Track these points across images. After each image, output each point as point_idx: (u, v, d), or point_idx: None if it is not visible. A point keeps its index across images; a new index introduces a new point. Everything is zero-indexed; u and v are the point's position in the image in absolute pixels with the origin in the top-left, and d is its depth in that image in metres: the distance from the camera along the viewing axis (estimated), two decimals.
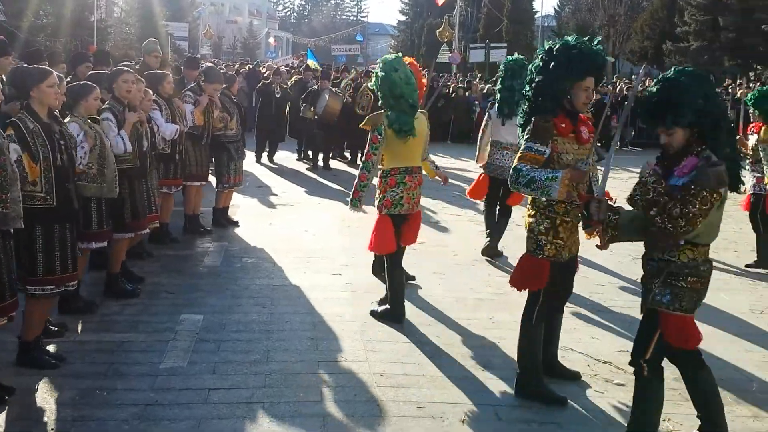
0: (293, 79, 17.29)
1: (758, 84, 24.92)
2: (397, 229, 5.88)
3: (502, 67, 8.19)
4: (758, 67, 37.18)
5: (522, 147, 4.45)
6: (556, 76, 4.39)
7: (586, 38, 4.52)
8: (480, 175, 8.26)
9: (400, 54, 6.15)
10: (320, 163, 15.04)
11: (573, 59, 4.38)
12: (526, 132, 4.49)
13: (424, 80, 6.83)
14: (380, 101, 5.97)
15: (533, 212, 4.56)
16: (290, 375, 4.88)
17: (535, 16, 51.79)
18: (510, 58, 8.07)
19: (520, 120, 4.70)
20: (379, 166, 5.97)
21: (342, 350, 5.35)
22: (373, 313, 6.04)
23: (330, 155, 15.31)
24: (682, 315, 3.89)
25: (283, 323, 5.86)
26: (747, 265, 8.19)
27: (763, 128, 7.89)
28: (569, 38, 4.52)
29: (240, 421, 4.23)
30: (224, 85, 8.95)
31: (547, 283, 4.52)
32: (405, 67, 5.81)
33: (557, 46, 4.47)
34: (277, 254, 7.94)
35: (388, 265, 5.97)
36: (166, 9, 37.73)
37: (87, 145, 5.43)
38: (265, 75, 18.75)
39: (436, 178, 6.82)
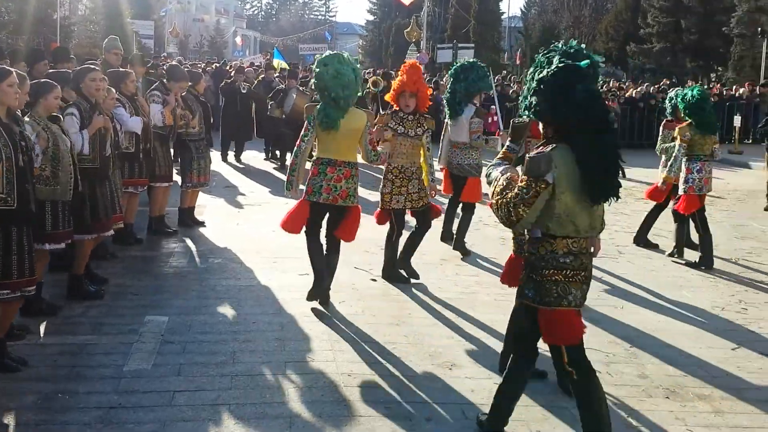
0: (260, 77, 17.21)
1: (718, 86, 25.36)
2: (328, 219, 6.27)
3: (450, 71, 8.53)
4: (719, 68, 37.83)
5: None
6: None
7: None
8: (443, 169, 8.49)
9: (344, 52, 6.45)
10: (288, 162, 14.96)
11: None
12: None
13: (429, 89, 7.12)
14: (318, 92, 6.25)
15: None
16: (257, 376, 4.85)
17: (502, 17, 52.17)
18: (460, 63, 8.45)
19: None
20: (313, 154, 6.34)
21: (309, 351, 5.34)
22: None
23: None
24: (547, 309, 3.82)
25: (249, 324, 5.83)
26: (689, 264, 8.29)
27: (678, 128, 8.17)
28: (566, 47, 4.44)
29: (205, 424, 4.20)
30: (189, 84, 8.88)
31: None
32: (339, 64, 5.96)
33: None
34: (245, 254, 7.90)
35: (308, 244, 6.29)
36: (131, 7, 37.33)
37: (39, 147, 5.30)
38: (231, 74, 18.64)
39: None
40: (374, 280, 7.12)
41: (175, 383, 4.69)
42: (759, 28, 32.02)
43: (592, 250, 3.98)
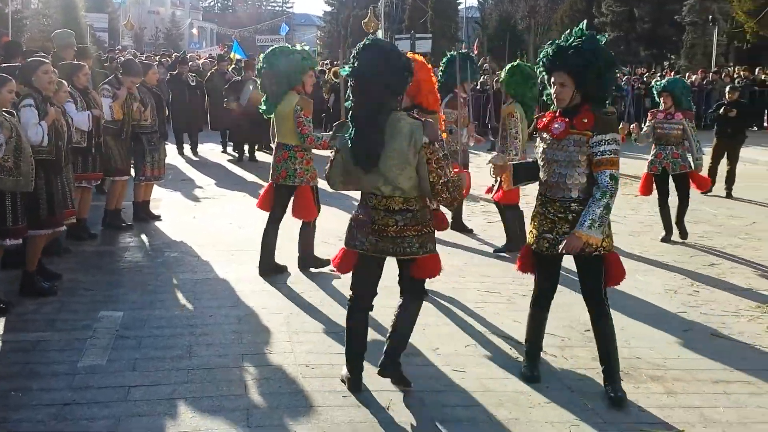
0: (213, 69, 17.05)
1: (672, 73, 25.81)
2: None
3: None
4: (671, 56, 38.46)
5: None
6: None
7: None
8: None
9: (287, 45, 6.96)
10: (246, 155, 14.86)
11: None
12: None
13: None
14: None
15: None
16: (213, 369, 4.81)
17: (459, 7, 52.34)
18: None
19: None
20: None
21: (267, 343, 5.31)
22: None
23: (256, 147, 15.14)
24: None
25: (206, 317, 5.78)
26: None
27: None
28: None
29: (161, 418, 4.15)
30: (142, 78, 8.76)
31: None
32: (272, 56, 6.66)
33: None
34: (201, 248, 7.82)
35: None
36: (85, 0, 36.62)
37: (2, 137, 5.25)
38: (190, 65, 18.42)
39: None
40: (333, 271, 7.07)
41: (130, 378, 4.63)
42: (710, 16, 32.67)
43: None
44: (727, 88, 12.80)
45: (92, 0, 39.49)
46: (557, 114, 4.47)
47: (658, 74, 25.21)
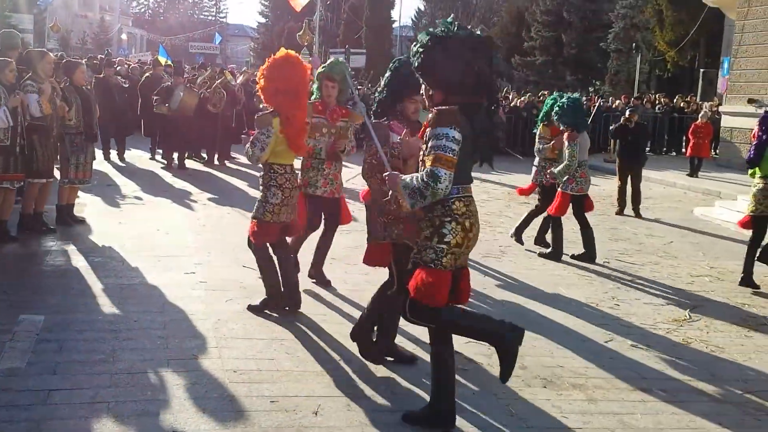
0: (147, 74, 16.77)
1: (596, 98, 26.60)
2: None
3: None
4: (596, 82, 39.69)
5: None
6: None
7: None
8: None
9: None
10: (175, 162, 14.63)
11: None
12: None
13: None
14: None
15: None
16: (138, 374, 4.71)
17: (393, 25, 52.84)
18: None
19: None
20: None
21: (194, 348, 5.24)
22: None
23: (186, 155, 14.94)
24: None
25: (131, 322, 5.66)
26: (572, 256, 8.83)
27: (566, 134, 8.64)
28: None
29: (83, 422, 4.05)
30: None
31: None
32: None
33: None
34: (127, 253, 7.66)
35: None
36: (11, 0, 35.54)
37: None
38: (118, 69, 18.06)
39: None
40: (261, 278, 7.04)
41: (50, 382, 4.50)
42: (633, 44, 33.86)
43: None
44: (627, 111, 13.34)
45: (17, 1, 38.35)
46: None
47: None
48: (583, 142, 8.68)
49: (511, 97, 24.76)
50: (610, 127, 14.58)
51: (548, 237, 9.15)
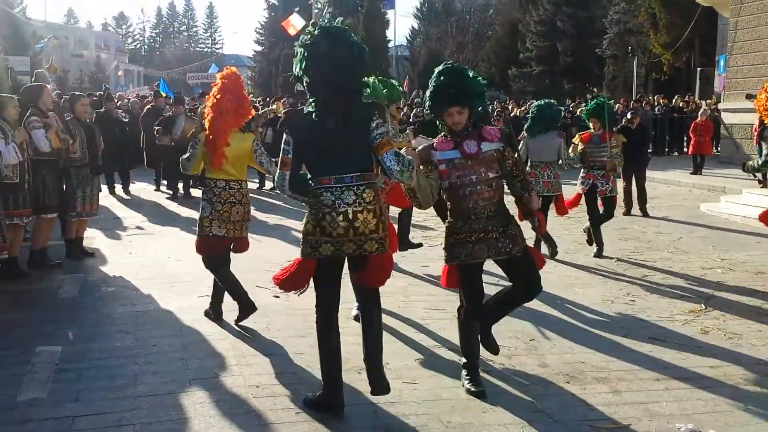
0: (149, 106, 16.89)
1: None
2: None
3: None
4: (594, 89, 39.78)
5: None
6: None
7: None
8: None
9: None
10: (181, 192, 14.69)
11: None
12: None
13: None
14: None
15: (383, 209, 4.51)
16: (161, 396, 4.71)
17: (389, 45, 53.14)
18: None
19: None
20: None
21: (215, 367, 5.24)
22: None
23: (191, 183, 15.00)
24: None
25: (149, 347, 5.66)
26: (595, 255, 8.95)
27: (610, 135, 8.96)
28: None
29: None
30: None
31: None
32: None
33: None
34: (140, 281, 7.69)
35: None
36: (5, 42, 35.86)
37: None
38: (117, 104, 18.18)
39: None
40: (277, 297, 7.05)
41: (73, 409, 4.50)
42: (629, 48, 34.02)
43: None
44: (628, 114, 13.42)
45: (13, 42, 38.68)
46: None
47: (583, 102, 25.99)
48: (532, 144, 8.95)
49: (510, 107, 24.88)
50: (613, 130, 14.63)
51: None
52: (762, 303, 7.02)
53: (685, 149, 21.79)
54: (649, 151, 15.99)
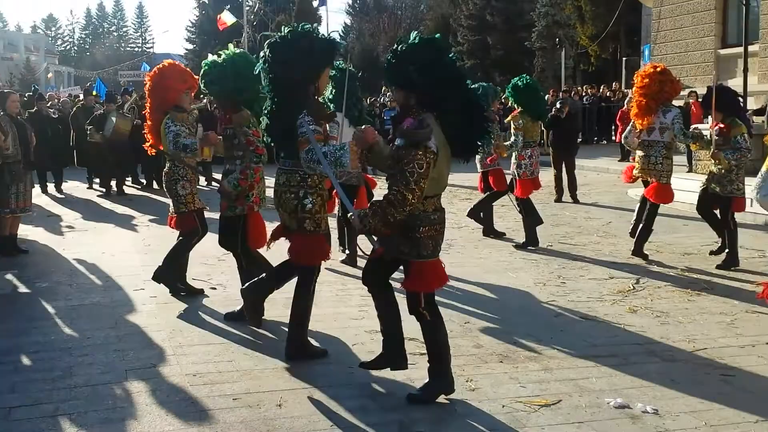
0: (79, 104, 16.53)
1: None
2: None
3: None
4: None
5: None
6: None
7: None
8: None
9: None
10: (114, 189, 14.45)
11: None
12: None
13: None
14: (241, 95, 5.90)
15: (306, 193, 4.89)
16: (97, 386, 4.68)
17: None
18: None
19: None
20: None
21: (151, 357, 5.22)
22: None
23: (124, 181, 14.77)
24: (423, 261, 4.29)
25: (85, 339, 5.61)
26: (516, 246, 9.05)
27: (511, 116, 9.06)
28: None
29: None
30: None
31: None
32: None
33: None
34: (75, 277, 7.59)
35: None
36: None
37: None
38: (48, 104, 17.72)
39: None
40: (214, 288, 7.05)
41: (9, 400, 4.44)
42: (557, 40, 34.71)
43: None
44: (558, 104, 13.78)
45: None
46: None
47: None
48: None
49: None
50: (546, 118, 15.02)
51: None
52: (688, 283, 7.32)
53: (613, 137, 22.39)
54: (579, 140, 16.43)
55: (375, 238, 4.38)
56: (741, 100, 9.58)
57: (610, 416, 4.26)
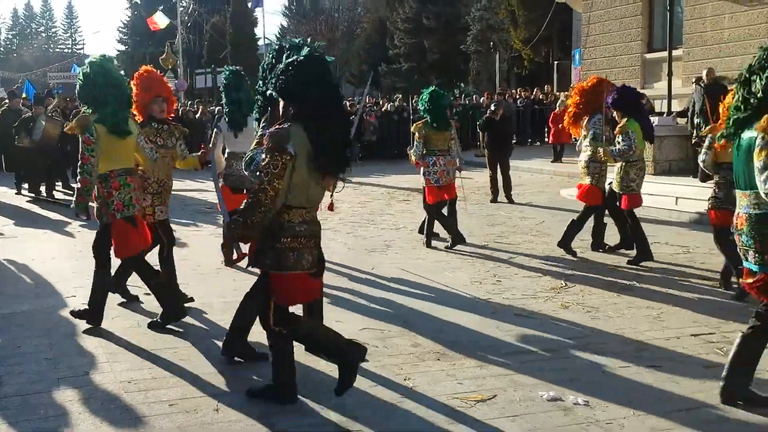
0: (4, 107, 16.03)
1: (462, 99, 27.52)
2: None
3: (223, 82, 8.22)
4: (461, 84, 40.99)
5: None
6: None
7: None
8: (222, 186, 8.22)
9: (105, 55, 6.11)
10: (43, 194, 14.07)
11: None
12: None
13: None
14: (88, 103, 5.82)
15: None
16: (29, 395, 4.57)
17: (258, 43, 52.52)
18: (228, 70, 7.96)
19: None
20: None
21: (84, 365, 5.12)
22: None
23: (54, 186, 14.39)
24: (282, 274, 4.24)
25: (15, 348, 5.46)
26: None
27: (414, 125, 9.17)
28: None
29: None
30: None
31: None
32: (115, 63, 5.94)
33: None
34: (4, 284, 7.41)
35: (132, 268, 6.04)
36: None
37: None
38: None
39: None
40: (148, 294, 6.92)
41: None
42: (491, 43, 35.24)
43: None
44: (492, 106, 14.02)
45: None
46: None
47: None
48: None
49: (381, 102, 25.29)
50: (478, 123, 15.25)
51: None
52: (616, 279, 7.54)
53: (546, 139, 22.84)
54: (513, 141, 16.72)
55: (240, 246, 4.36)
56: (644, 102, 9.90)
57: (543, 409, 4.37)
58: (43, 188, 14.18)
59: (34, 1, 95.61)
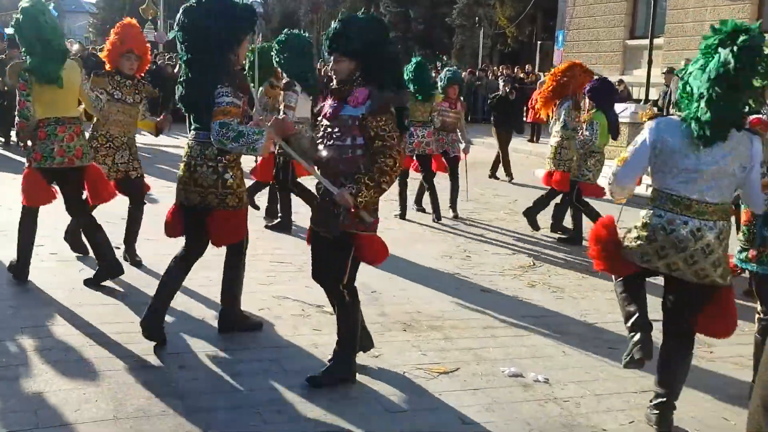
0: None
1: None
2: (55, 184, 5.78)
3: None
4: (444, 57, 40.78)
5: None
6: None
7: None
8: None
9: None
10: (13, 139, 13.80)
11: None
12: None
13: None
14: (21, 48, 5.73)
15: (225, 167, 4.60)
16: None
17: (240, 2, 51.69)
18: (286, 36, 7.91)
19: None
20: None
21: (49, 316, 5.09)
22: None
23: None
24: (374, 235, 4.32)
25: None
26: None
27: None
28: None
29: None
30: None
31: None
32: (50, 13, 5.66)
33: None
34: None
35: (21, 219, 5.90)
36: None
37: None
38: None
39: None
40: (118, 248, 6.84)
41: None
42: (477, 18, 35.09)
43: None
44: (503, 84, 14.15)
45: None
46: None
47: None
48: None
49: None
50: (488, 100, 15.30)
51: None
52: (582, 260, 7.62)
53: (525, 117, 22.88)
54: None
55: (366, 214, 4.16)
56: (615, 96, 9.99)
57: (504, 384, 4.43)
58: (13, 133, 13.89)
59: None
